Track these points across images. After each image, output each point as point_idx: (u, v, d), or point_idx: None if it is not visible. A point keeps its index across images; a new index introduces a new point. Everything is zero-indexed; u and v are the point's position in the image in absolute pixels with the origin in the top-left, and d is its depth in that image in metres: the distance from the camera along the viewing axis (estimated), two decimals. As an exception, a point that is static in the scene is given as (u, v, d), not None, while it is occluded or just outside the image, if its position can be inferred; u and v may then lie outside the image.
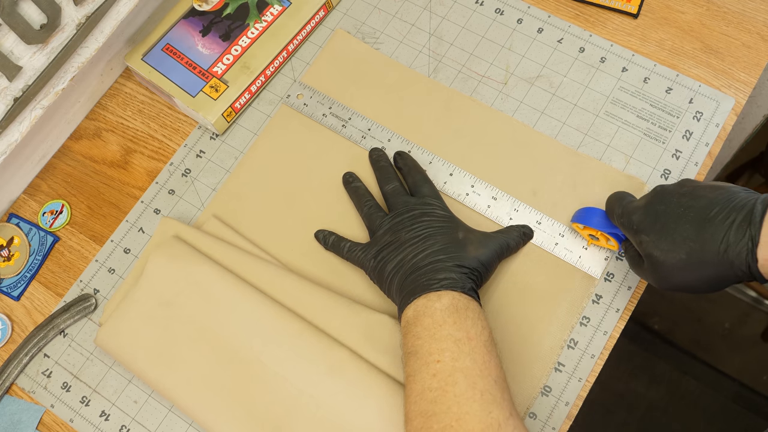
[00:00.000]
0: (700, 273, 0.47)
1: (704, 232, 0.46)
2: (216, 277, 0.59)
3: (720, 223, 0.45)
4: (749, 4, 0.68)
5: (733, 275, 0.46)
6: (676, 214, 0.48)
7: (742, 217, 0.45)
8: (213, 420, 0.56)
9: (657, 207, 0.49)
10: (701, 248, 0.46)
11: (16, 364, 0.62)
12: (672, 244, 0.47)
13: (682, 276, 0.48)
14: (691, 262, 0.47)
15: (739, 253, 0.45)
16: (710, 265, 0.46)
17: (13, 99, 0.59)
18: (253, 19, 0.69)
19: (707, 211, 0.46)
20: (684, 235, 0.47)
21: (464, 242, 0.56)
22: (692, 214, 0.47)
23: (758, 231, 0.44)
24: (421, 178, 0.61)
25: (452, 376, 0.47)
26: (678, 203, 0.48)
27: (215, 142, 0.68)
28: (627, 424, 1.33)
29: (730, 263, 0.45)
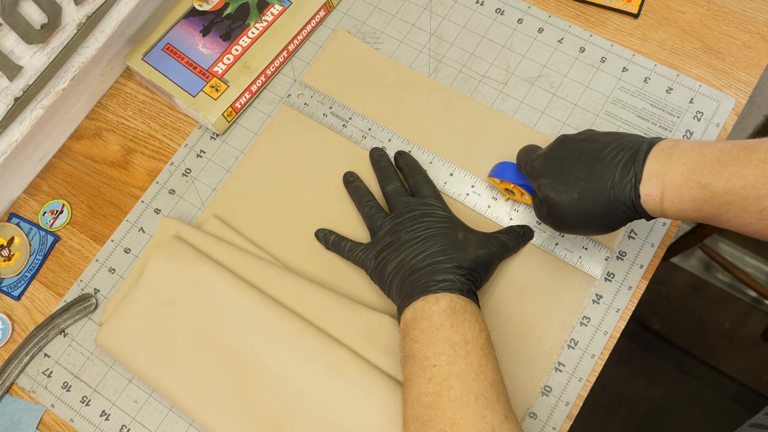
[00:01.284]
0: (591, 212, 0.49)
1: (594, 171, 0.48)
2: (216, 277, 0.59)
3: (609, 163, 0.48)
4: (750, 4, 0.68)
5: (621, 213, 0.48)
6: (571, 157, 0.50)
7: (629, 156, 0.47)
8: (213, 420, 0.56)
9: (557, 152, 0.52)
10: (591, 187, 0.48)
11: (16, 364, 0.62)
12: (566, 185, 0.50)
13: (576, 215, 0.50)
14: (583, 201, 0.49)
15: (623, 189, 0.47)
16: (600, 203, 0.48)
17: (13, 99, 0.59)
18: (254, 19, 0.69)
19: (599, 153, 0.49)
20: (576, 175, 0.49)
21: (464, 243, 0.56)
22: (585, 157, 0.49)
23: (641, 168, 0.46)
24: (422, 178, 0.61)
25: (448, 380, 0.47)
26: (575, 148, 0.51)
27: (215, 141, 0.68)
28: (627, 424, 1.33)
29: (617, 200, 0.47)
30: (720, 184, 0.44)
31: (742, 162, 0.43)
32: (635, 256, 0.60)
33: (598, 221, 0.50)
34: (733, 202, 0.44)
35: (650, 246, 0.60)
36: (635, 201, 0.47)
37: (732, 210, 0.44)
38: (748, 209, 0.43)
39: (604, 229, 0.51)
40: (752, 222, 0.44)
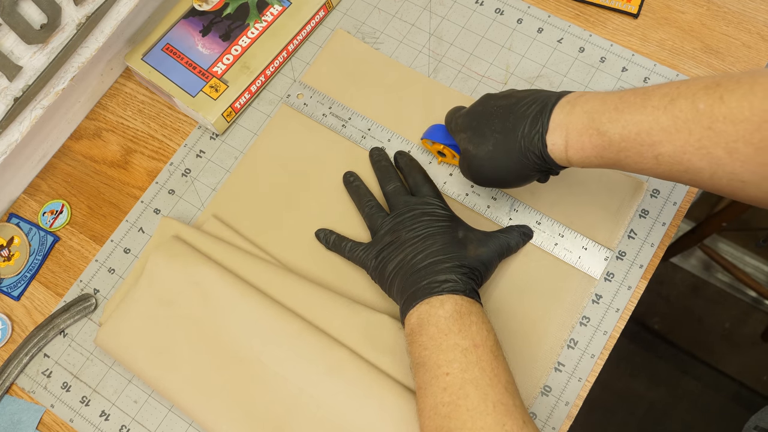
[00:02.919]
0: (506, 163, 0.51)
1: (507, 124, 0.50)
2: (216, 277, 0.59)
3: (521, 115, 0.50)
4: (749, 4, 0.68)
5: (532, 163, 0.50)
6: (489, 112, 0.52)
7: (539, 108, 0.49)
8: (213, 420, 0.56)
9: (477, 108, 0.54)
10: (504, 138, 0.50)
11: (16, 364, 0.62)
12: (482, 138, 0.52)
13: (491, 167, 0.52)
14: (497, 153, 0.50)
15: (532, 139, 0.49)
16: (512, 154, 0.50)
17: (13, 99, 0.59)
18: (253, 19, 0.69)
19: (514, 107, 0.51)
20: (492, 128, 0.51)
21: (464, 241, 0.56)
22: (501, 111, 0.51)
23: (548, 118, 0.48)
24: (422, 177, 0.61)
25: (463, 388, 0.47)
26: (494, 104, 0.52)
27: (215, 142, 0.68)
28: (627, 424, 1.33)
29: (527, 150, 0.49)
30: (617, 131, 0.45)
31: (638, 109, 0.44)
32: (635, 256, 0.60)
33: (512, 172, 0.51)
34: (630, 148, 0.45)
35: (650, 246, 0.60)
36: (543, 151, 0.49)
37: (630, 156, 0.45)
38: (645, 155, 0.45)
39: (519, 180, 0.52)
40: (651, 167, 0.45)
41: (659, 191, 0.62)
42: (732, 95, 0.41)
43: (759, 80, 0.40)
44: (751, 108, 0.40)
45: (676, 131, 0.43)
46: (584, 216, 0.61)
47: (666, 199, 0.61)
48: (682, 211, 0.61)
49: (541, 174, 0.52)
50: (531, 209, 0.62)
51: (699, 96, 0.42)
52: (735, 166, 0.41)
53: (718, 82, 0.42)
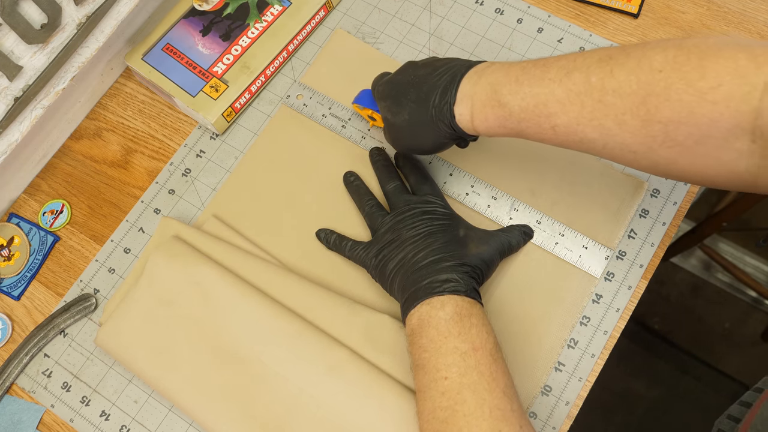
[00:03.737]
0: (421, 132, 0.52)
1: (421, 93, 0.51)
2: (216, 277, 0.59)
3: (434, 85, 0.51)
4: (749, 4, 0.68)
5: (444, 132, 0.51)
6: (407, 81, 0.53)
7: (449, 78, 0.50)
8: (213, 420, 0.56)
9: (397, 77, 0.54)
10: (418, 108, 0.51)
11: (16, 364, 0.62)
12: (399, 107, 0.53)
13: (409, 135, 0.53)
14: (413, 122, 0.52)
15: (441, 109, 0.50)
16: (425, 123, 0.51)
17: (13, 99, 0.60)
18: (254, 19, 0.69)
19: (429, 77, 0.51)
20: (408, 98, 0.52)
21: (465, 240, 0.56)
22: (418, 80, 0.52)
23: (456, 89, 0.49)
24: (423, 176, 0.61)
25: (460, 393, 0.47)
26: (412, 73, 0.53)
27: (215, 141, 0.69)
28: (627, 424, 1.33)
29: (438, 120, 0.50)
30: (516, 103, 0.47)
31: (537, 81, 0.46)
32: (635, 256, 0.60)
33: (426, 140, 0.53)
34: (530, 119, 0.47)
35: (650, 246, 0.60)
36: (451, 121, 0.50)
37: (530, 126, 0.47)
38: (543, 126, 0.46)
39: (435, 147, 0.54)
40: (550, 137, 0.47)
41: (659, 191, 0.62)
42: (621, 69, 0.42)
43: (647, 54, 0.42)
44: (638, 82, 0.41)
45: (570, 103, 0.44)
46: (584, 215, 0.61)
47: (666, 199, 0.61)
48: (682, 211, 0.61)
49: (458, 141, 0.54)
50: (531, 209, 0.62)
51: (592, 69, 0.43)
52: (625, 138, 0.43)
53: (610, 55, 0.43)
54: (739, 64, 0.38)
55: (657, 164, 0.44)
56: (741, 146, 0.39)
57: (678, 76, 0.40)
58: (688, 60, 0.40)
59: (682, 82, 0.40)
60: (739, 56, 0.38)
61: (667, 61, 0.41)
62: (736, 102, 0.38)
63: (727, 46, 0.39)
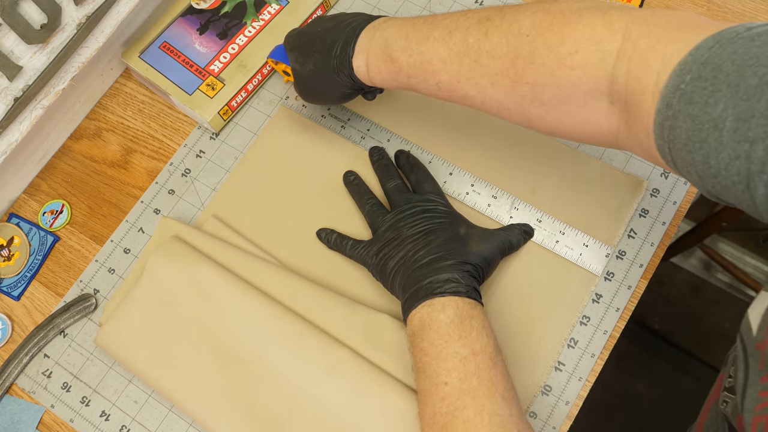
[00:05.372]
0: (325, 81, 0.54)
1: (325, 45, 0.53)
2: (216, 277, 0.59)
3: (336, 38, 0.53)
4: (749, 4, 0.68)
5: (346, 83, 0.54)
6: (315, 33, 0.55)
7: (350, 32, 0.52)
8: (213, 420, 0.56)
9: (306, 29, 0.56)
10: (322, 58, 0.53)
11: (16, 364, 0.62)
12: (306, 58, 0.54)
13: (314, 84, 0.55)
14: (317, 73, 0.53)
15: (342, 61, 0.52)
16: (328, 74, 0.53)
17: (13, 99, 0.60)
18: (251, 18, 0.69)
19: (334, 30, 0.53)
20: (314, 49, 0.54)
21: (466, 238, 0.56)
22: (324, 33, 0.54)
23: (354, 43, 0.51)
24: (423, 174, 0.61)
25: (460, 399, 0.47)
26: (320, 24, 0.55)
27: (215, 142, 0.69)
28: (627, 424, 1.33)
29: (339, 71, 0.52)
30: (405, 59, 0.49)
31: (423, 39, 0.48)
32: (635, 256, 0.60)
33: (330, 90, 0.55)
34: (417, 75, 0.49)
35: (650, 245, 0.60)
36: (351, 72, 0.52)
37: (418, 82, 0.50)
38: (429, 82, 0.49)
39: (339, 97, 0.56)
40: (435, 92, 0.50)
41: (659, 190, 0.62)
42: (495, 32, 0.45)
43: (518, 18, 0.44)
44: (507, 45, 0.44)
45: (450, 62, 0.47)
46: (585, 214, 0.61)
47: (666, 199, 0.61)
48: (682, 210, 0.61)
49: (362, 92, 0.56)
50: (532, 207, 0.62)
51: (471, 30, 0.46)
52: (499, 96, 0.46)
53: (488, 17, 0.46)
54: (595, 30, 0.41)
55: (530, 120, 0.47)
56: (600, 107, 0.42)
57: (541, 41, 0.43)
58: (551, 25, 0.43)
59: (545, 47, 0.43)
60: (597, 23, 0.41)
61: (534, 26, 0.43)
62: (592, 68, 0.41)
63: (588, 11, 0.42)
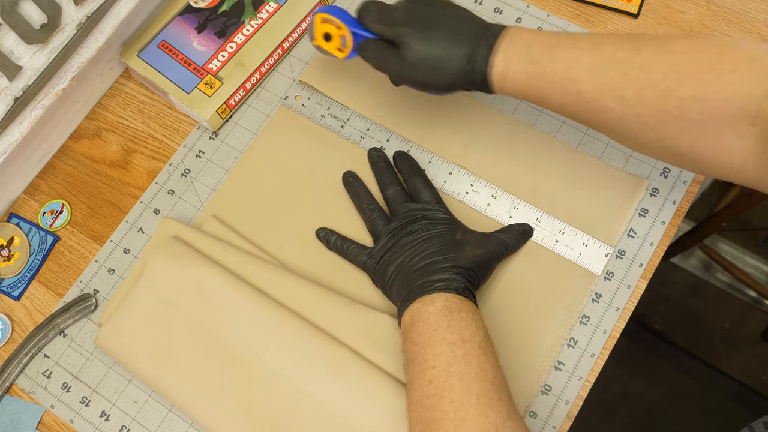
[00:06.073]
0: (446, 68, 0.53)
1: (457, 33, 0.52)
2: (216, 277, 0.59)
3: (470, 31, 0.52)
4: (749, 4, 0.68)
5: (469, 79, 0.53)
6: (439, 16, 0.54)
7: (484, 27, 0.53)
8: (213, 420, 0.56)
9: (421, 8, 0.54)
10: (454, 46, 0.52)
11: (16, 364, 0.62)
12: (429, 40, 0.53)
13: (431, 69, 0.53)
14: (443, 58, 0.52)
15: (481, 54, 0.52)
16: (455, 64, 0.52)
17: (13, 99, 0.60)
18: (249, 17, 0.70)
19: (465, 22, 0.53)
20: (441, 34, 0.53)
21: (461, 243, 0.56)
22: (452, 22, 0.53)
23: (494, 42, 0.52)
24: (422, 182, 0.61)
25: (448, 381, 0.47)
26: (441, 12, 0.54)
27: (214, 142, 0.69)
28: (627, 424, 1.33)
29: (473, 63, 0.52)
30: (548, 64, 0.50)
31: (568, 48, 0.50)
32: (635, 255, 0.60)
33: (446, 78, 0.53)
34: (558, 81, 0.50)
35: (649, 245, 0.60)
36: (485, 69, 0.52)
37: (557, 90, 0.50)
38: (569, 90, 0.50)
39: (448, 87, 0.54)
40: (572, 102, 0.50)
41: (659, 190, 0.62)
42: (647, 49, 0.47)
43: (671, 40, 0.47)
44: (661, 60, 0.46)
45: (596, 72, 0.48)
46: (585, 212, 0.61)
47: (666, 198, 0.61)
48: (682, 210, 0.61)
49: (467, 88, 0.55)
50: (531, 207, 0.62)
51: (619, 46, 0.48)
52: (641, 110, 0.47)
53: (635, 37, 0.49)
54: (754, 54, 0.44)
55: (663, 138, 0.47)
56: (740, 128, 0.44)
57: (699, 58, 0.45)
58: (708, 48, 0.45)
59: (703, 63, 0.45)
60: (755, 49, 0.44)
61: (689, 47, 0.46)
62: (748, 86, 0.43)
63: (742, 41, 0.45)
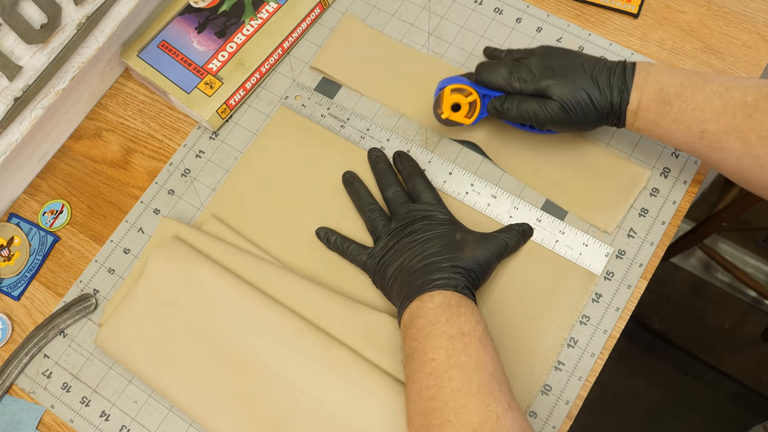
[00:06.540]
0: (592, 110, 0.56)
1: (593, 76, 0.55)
2: (216, 277, 0.59)
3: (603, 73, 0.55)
4: (749, 4, 0.68)
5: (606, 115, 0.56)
6: (572, 63, 0.57)
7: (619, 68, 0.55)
8: (213, 420, 0.56)
9: (553, 60, 0.57)
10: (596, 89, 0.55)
11: (16, 364, 0.62)
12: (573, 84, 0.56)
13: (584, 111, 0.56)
14: (590, 101, 0.55)
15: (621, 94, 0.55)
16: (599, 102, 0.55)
17: (13, 99, 0.60)
18: (249, 17, 0.70)
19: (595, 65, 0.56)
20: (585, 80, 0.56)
21: (461, 243, 0.56)
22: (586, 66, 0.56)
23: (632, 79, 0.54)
24: (422, 182, 0.61)
25: (448, 372, 0.47)
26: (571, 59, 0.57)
27: (214, 142, 0.69)
28: (627, 424, 1.33)
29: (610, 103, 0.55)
30: (677, 104, 0.52)
31: (699, 89, 0.52)
32: (634, 255, 0.60)
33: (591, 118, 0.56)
34: (683, 121, 0.52)
35: (649, 245, 0.60)
36: (623, 107, 0.55)
37: (680, 128, 0.53)
38: (693, 129, 0.52)
39: (590, 127, 0.58)
40: (693, 141, 0.53)
41: (659, 190, 0.62)
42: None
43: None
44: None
45: (723, 114, 0.51)
46: (585, 197, 0.62)
47: (666, 198, 0.61)
48: (682, 210, 0.61)
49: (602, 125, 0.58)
50: (531, 206, 0.62)
51: (749, 91, 0.50)
52: (760, 152, 0.50)
53: (765, 84, 0.51)
54: None
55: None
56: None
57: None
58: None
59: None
60: None
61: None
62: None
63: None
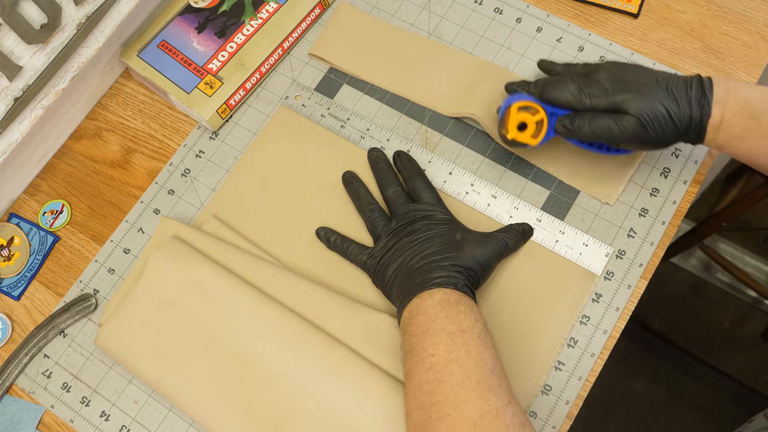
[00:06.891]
0: (671, 127, 0.54)
1: (668, 91, 0.54)
2: (216, 277, 0.59)
3: (683, 85, 0.54)
4: (749, 4, 0.68)
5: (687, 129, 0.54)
6: (645, 77, 0.55)
7: (697, 83, 0.53)
8: (213, 420, 0.56)
9: (626, 75, 0.55)
10: (674, 103, 0.53)
11: (16, 364, 0.62)
12: (651, 99, 0.54)
13: (662, 127, 0.54)
14: (668, 116, 0.53)
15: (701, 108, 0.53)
16: (678, 119, 0.53)
17: (13, 99, 0.60)
18: (249, 17, 0.70)
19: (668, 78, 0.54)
20: (661, 95, 0.54)
21: (461, 243, 0.56)
22: (659, 80, 0.54)
23: (711, 93, 0.53)
24: (422, 182, 0.61)
25: (447, 367, 0.47)
26: (643, 74, 0.55)
27: (214, 142, 0.69)
28: (627, 423, 1.33)
29: (691, 119, 0.53)
30: (766, 119, 0.51)
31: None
32: (634, 255, 0.60)
33: (670, 136, 0.54)
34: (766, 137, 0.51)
35: (649, 245, 0.60)
36: (705, 121, 0.53)
37: (765, 145, 0.52)
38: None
39: (668, 144, 0.56)
40: None
41: (659, 190, 0.62)
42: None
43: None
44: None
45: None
46: (585, 169, 0.62)
47: (666, 198, 0.61)
48: (682, 210, 0.61)
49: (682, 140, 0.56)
50: (531, 206, 0.62)
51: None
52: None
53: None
54: None
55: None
56: None
57: None
58: None
59: None
60: None
61: None
62: None
63: None
